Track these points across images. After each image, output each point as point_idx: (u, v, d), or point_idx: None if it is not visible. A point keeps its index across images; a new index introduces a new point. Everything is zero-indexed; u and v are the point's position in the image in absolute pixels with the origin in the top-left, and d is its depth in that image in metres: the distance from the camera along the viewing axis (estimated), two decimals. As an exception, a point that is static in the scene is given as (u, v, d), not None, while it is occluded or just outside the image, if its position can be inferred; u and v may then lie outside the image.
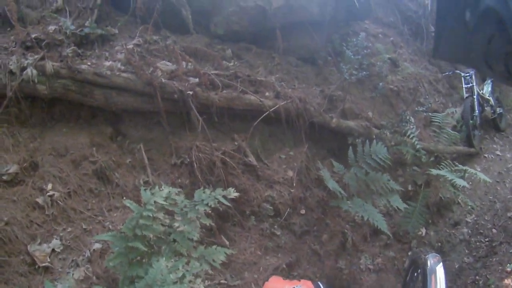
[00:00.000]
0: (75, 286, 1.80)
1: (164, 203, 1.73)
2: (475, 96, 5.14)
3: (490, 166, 4.99)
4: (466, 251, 3.79)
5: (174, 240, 1.79)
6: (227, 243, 2.46)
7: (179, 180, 2.57)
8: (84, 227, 2.04)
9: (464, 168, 3.58)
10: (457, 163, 3.62)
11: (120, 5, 3.24)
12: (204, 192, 1.95)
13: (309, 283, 0.88)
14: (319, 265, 2.67)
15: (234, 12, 3.53)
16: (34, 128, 2.33)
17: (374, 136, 3.23)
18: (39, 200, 2.01)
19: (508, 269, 3.27)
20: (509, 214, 4.20)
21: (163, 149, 2.66)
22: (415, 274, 2.25)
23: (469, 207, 4.27)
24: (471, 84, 5.21)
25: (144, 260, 1.69)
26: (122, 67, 2.56)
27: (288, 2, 3.52)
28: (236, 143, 2.80)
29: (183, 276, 1.55)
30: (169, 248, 1.78)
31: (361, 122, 3.27)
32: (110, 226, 2.10)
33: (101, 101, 2.42)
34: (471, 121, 4.99)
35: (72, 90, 2.34)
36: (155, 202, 1.69)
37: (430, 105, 4.54)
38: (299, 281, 0.88)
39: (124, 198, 2.14)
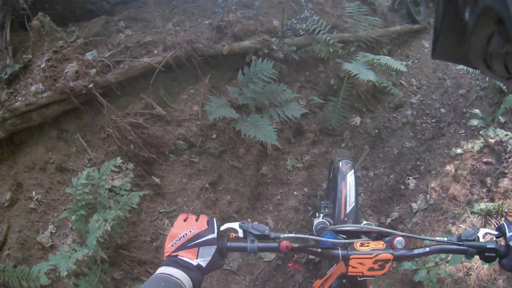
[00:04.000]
0: (68, 249, 3.11)
1: (86, 181, 2.99)
2: None
3: None
4: (411, 134, 4.63)
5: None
6: (157, 180, 3.71)
7: (110, 148, 3.75)
8: (63, 208, 3.35)
9: (374, 57, 4.24)
10: (368, 54, 4.34)
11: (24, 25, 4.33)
12: (105, 165, 3.17)
13: (205, 219, 1.26)
14: (240, 176, 3.78)
15: (124, -26, 4.65)
16: (8, 160, 3.66)
17: (266, 50, 4.18)
18: (31, 205, 3.38)
19: (452, 154, 3.88)
20: (460, 91, 4.96)
21: (94, 129, 3.83)
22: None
23: (414, 86, 5.31)
24: None
25: (89, 219, 2.96)
26: (42, 88, 3.73)
27: None
28: (143, 101, 3.99)
29: (102, 222, 2.82)
30: (100, 206, 3.08)
31: (257, 38, 4.23)
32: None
33: (39, 120, 3.68)
34: (411, -4, 5.94)
35: (19, 123, 3.62)
36: (81, 183, 2.98)
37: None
38: (196, 221, 1.24)
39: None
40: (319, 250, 1.31)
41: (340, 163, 2.54)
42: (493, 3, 0.62)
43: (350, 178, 2.42)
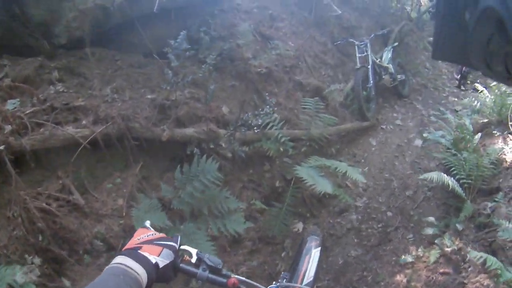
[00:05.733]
0: None
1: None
2: (369, 66, 5.90)
3: (388, 139, 5.75)
4: (356, 240, 4.29)
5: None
6: (68, 284, 2.96)
7: (15, 233, 2.97)
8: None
9: (331, 163, 3.97)
10: (322, 159, 4.10)
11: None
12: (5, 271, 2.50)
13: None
14: (165, 291, 3.23)
15: (74, 17, 3.98)
16: None
17: (211, 145, 3.69)
18: None
19: (402, 263, 3.64)
20: (407, 193, 4.78)
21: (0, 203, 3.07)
22: None
23: (360, 188, 5.05)
24: (365, 53, 5.99)
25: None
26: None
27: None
28: (60, 181, 3.26)
29: None
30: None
31: (204, 126, 3.74)
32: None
33: None
34: (364, 93, 5.77)
35: None
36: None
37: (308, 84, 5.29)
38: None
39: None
40: None
41: (309, 238, 2.52)
42: (493, 3, 0.64)
43: (315, 254, 2.38)
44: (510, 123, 4.41)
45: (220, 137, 3.81)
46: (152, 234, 1.17)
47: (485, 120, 5.27)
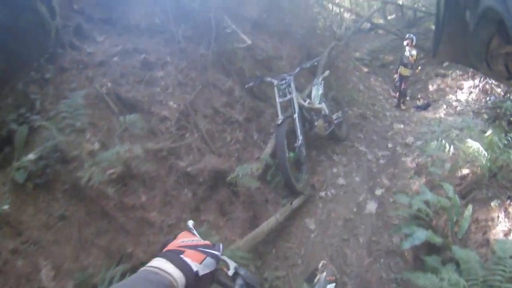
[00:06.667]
0: None
1: None
2: (295, 115, 4.30)
3: (331, 213, 4.15)
4: None
5: None
6: None
7: None
8: None
9: None
10: None
11: None
12: None
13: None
14: None
15: None
16: None
17: None
18: None
19: None
20: None
21: None
22: None
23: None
24: (288, 96, 4.38)
25: None
26: None
27: None
28: None
29: None
30: None
31: None
32: None
33: None
34: (291, 155, 4.13)
35: None
36: None
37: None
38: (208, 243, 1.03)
39: None
40: None
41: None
42: (493, 4, 0.65)
43: None
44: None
45: None
46: (197, 240, 1.04)
47: (466, 172, 3.81)
